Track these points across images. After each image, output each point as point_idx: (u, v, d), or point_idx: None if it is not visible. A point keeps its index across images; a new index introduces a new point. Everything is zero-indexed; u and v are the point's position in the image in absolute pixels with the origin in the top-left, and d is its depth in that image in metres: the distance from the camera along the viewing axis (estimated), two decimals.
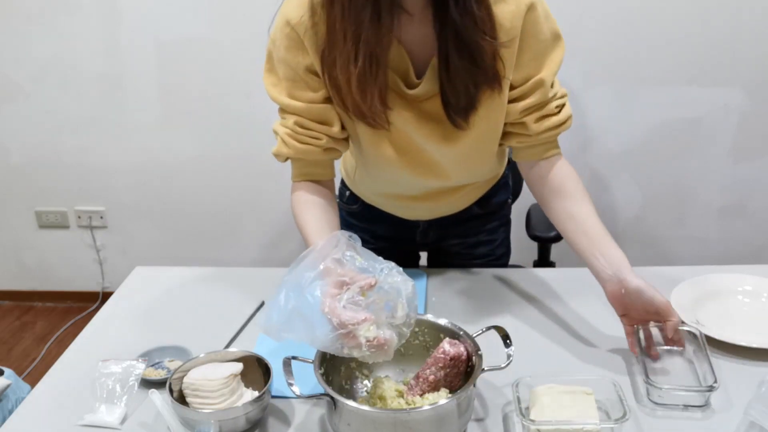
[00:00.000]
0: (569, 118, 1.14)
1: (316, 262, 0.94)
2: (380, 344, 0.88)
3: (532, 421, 0.91)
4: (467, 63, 1.02)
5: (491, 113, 1.10)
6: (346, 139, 1.18)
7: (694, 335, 1.07)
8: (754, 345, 1.07)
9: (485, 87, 1.06)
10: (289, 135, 1.14)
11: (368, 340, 0.88)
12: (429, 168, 1.18)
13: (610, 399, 0.96)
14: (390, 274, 0.92)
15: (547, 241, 1.75)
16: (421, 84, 1.07)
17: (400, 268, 0.94)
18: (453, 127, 1.10)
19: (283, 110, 1.14)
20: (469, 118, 1.09)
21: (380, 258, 0.95)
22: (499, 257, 1.49)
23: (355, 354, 0.89)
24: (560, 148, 1.18)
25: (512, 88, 1.10)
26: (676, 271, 1.32)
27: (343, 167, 1.42)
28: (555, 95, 1.12)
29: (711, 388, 0.96)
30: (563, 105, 1.14)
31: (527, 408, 0.96)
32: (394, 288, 0.91)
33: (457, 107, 1.07)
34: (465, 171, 1.23)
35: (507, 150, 1.41)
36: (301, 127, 1.12)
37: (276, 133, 1.17)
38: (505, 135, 1.17)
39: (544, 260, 1.78)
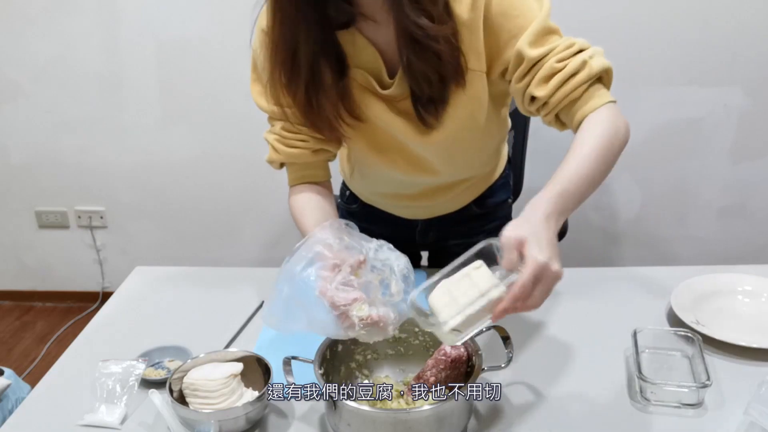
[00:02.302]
0: (584, 64, 0.99)
1: (308, 250, 0.95)
2: (374, 322, 0.90)
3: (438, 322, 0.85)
4: (428, 61, 1.01)
5: (462, 108, 1.09)
6: (337, 140, 1.19)
7: (690, 337, 1.07)
8: (754, 345, 1.07)
9: (451, 83, 1.05)
10: (278, 141, 1.17)
11: (361, 319, 0.89)
12: (415, 164, 1.19)
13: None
14: (380, 250, 0.93)
15: None
16: (393, 84, 1.08)
17: (391, 245, 0.94)
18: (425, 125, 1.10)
19: (271, 117, 1.17)
20: (440, 117, 1.08)
21: (373, 239, 0.97)
22: None
23: (351, 334, 0.91)
24: (606, 99, 1.01)
25: (505, 72, 1.06)
26: (676, 271, 1.32)
27: (341, 167, 1.43)
28: (552, 50, 1.00)
29: (704, 386, 0.96)
30: (568, 57, 1.00)
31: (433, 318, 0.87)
32: (387, 265, 0.92)
33: (426, 105, 1.07)
34: (452, 166, 1.23)
35: (505, 148, 1.41)
36: (288, 131, 1.15)
37: (267, 140, 1.20)
38: (543, 115, 1.07)
39: None
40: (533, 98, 1.04)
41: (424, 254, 1.57)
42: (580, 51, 1.01)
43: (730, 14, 2.14)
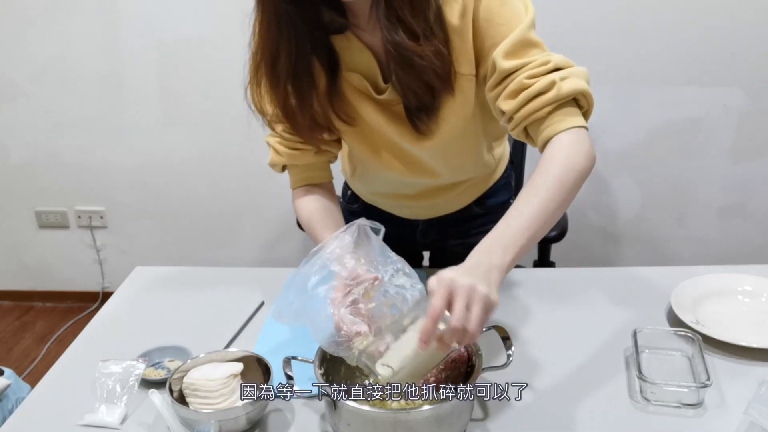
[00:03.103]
0: (552, 84, 0.95)
1: (323, 264, 0.96)
2: (371, 355, 0.91)
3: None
4: (415, 75, 1.01)
5: (455, 114, 1.09)
6: (337, 141, 1.20)
7: (690, 337, 1.07)
8: (754, 345, 1.07)
9: (441, 92, 1.05)
10: (280, 143, 1.18)
11: (361, 351, 0.91)
12: (413, 166, 1.19)
13: None
14: (397, 276, 0.93)
15: (547, 241, 1.76)
16: (388, 89, 1.08)
17: (408, 268, 0.95)
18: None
19: (270, 120, 1.16)
20: (432, 124, 1.08)
21: (392, 255, 0.97)
22: None
23: (349, 361, 0.94)
24: (572, 123, 0.98)
25: (486, 79, 1.04)
26: (676, 271, 1.32)
27: (343, 167, 1.43)
28: (525, 65, 0.97)
29: (704, 386, 0.96)
30: (540, 74, 0.97)
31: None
32: (401, 294, 0.92)
33: (418, 113, 1.07)
34: (450, 167, 1.23)
35: (507, 148, 1.41)
36: (290, 133, 1.15)
37: (268, 144, 1.20)
38: (510, 129, 1.06)
39: (544, 260, 1.79)
40: (502, 111, 1.02)
41: (426, 254, 1.57)
42: (556, 70, 0.97)
43: (729, 14, 2.14)
